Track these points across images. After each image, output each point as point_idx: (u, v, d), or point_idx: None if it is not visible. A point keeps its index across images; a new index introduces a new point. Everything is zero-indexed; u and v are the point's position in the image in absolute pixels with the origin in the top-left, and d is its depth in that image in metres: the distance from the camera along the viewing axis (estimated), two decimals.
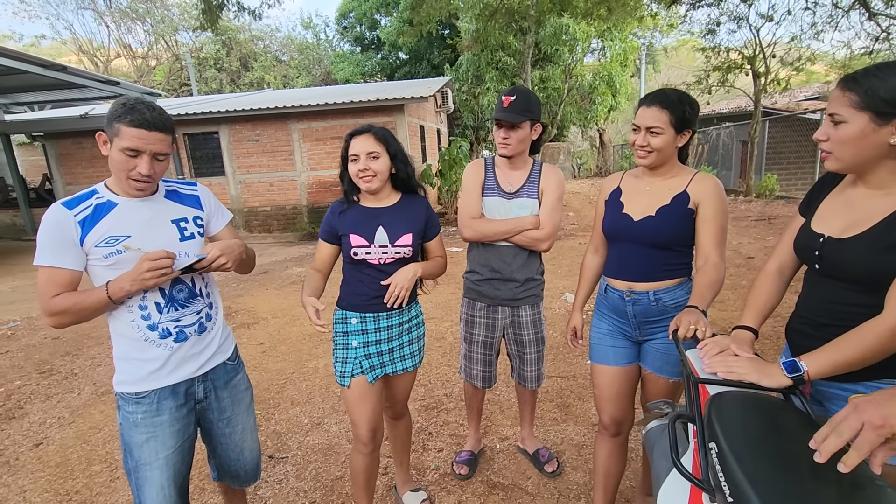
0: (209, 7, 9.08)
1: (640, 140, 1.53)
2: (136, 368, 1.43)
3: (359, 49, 23.97)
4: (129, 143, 1.30)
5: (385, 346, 1.74)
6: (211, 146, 9.97)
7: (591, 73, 18.04)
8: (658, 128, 1.50)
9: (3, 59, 6.62)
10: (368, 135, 1.64)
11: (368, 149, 1.62)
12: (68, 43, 26.97)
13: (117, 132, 1.30)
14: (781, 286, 1.32)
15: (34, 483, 2.38)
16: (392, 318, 1.74)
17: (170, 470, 1.46)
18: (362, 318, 1.71)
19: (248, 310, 5.04)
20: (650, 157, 1.55)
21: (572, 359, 3.45)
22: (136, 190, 1.39)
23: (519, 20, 12.88)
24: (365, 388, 1.70)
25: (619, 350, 1.71)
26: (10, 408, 3.18)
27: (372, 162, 1.62)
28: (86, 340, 4.32)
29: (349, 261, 1.71)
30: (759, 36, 10.91)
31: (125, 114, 1.29)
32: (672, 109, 1.49)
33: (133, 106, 1.30)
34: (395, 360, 1.78)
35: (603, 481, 1.84)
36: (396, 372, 1.80)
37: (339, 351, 1.74)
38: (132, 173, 1.34)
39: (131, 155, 1.32)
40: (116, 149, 1.31)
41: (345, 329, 1.72)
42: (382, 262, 1.68)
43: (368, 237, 1.66)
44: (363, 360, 1.71)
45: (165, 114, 1.36)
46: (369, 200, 1.72)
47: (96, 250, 1.35)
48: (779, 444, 0.87)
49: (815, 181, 1.34)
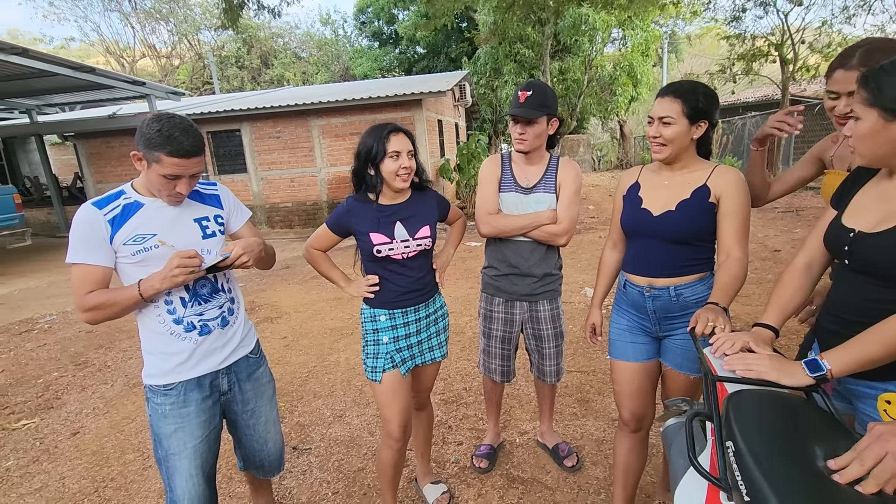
0: (230, 6, 9.24)
1: (653, 131, 1.51)
2: (163, 361, 1.50)
3: (376, 44, 24.03)
4: (170, 171, 1.37)
5: (414, 338, 1.79)
6: (233, 144, 10.16)
7: (612, 64, 17.71)
8: (669, 117, 1.47)
9: (36, 62, 6.86)
10: (403, 134, 1.67)
11: (409, 147, 1.66)
12: (96, 44, 27.74)
13: (157, 160, 1.36)
14: (809, 282, 1.28)
15: (72, 470, 2.50)
16: (419, 312, 1.79)
17: (198, 459, 1.53)
18: (391, 314, 1.75)
19: (271, 304, 5.15)
20: (664, 151, 1.52)
21: (592, 353, 3.44)
22: (173, 203, 1.48)
23: (537, 11, 12.73)
24: (396, 382, 1.73)
25: (638, 346, 1.70)
26: (48, 398, 3.33)
27: (411, 160, 1.66)
28: (118, 334, 4.48)
29: (371, 259, 1.73)
30: (787, 21, 10.55)
31: (164, 143, 1.34)
32: (684, 99, 1.47)
33: (170, 134, 1.34)
34: (424, 351, 1.83)
35: (623, 477, 1.84)
36: (425, 362, 1.85)
37: (369, 347, 1.76)
38: (172, 193, 1.43)
39: (171, 178, 1.39)
40: (156, 173, 1.38)
41: (375, 326, 1.76)
42: (405, 257, 1.72)
43: (388, 234, 1.69)
44: (394, 354, 1.74)
45: (198, 132, 1.42)
46: (386, 198, 1.73)
47: (124, 248, 1.41)
48: (798, 443, 0.86)
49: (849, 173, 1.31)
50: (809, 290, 1.29)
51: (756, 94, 15.74)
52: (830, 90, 1.38)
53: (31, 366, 3.92)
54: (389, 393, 1.73)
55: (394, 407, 1.73)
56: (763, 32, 11.50)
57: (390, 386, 1.73)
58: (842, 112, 1.35)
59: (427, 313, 1.82)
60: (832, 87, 1.37)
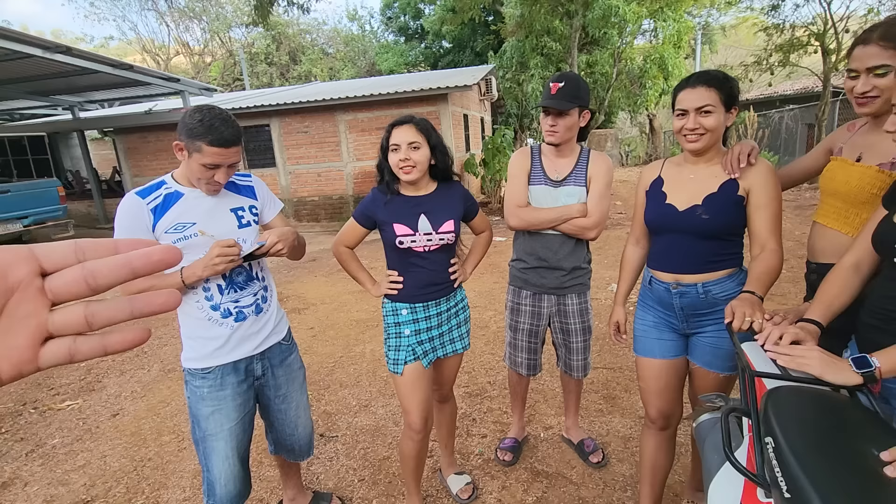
0: (260, 3, 9.42)
1: (691, 123, 1.46)
2: (202, 346, 1.55)
3: (402, 39, 24.08)
4: (211, 159, 1.42)
5: (435, 331, 1.79)
6: (262, 138, 10.36)
7: (642, 56, 17.27)
8: (709, 106, 1.43)
9: (78, 60, 7.14)
10: (410, 125, 1.65)
11: (410, 139, 1.63)
12: (133, 43, 28.70)
13: (199, 149, 1.41)
14: (857, 283, 1.23)
15: (113, 449, 2.62)
16: (440, 305, 1.79)
17: (233, 440, 1.58)
18: (412, 307, 1.76)
19: (298, 295, 5.25)
20: (702, 140, 1.47)
21: (619, 350, 3.39)
22: (211, 192, 1.53)
23: (565, 3, 12.51)
24: (417, 374, 1.75)
25: (665, 343, 1.67)
26: (90, 381, 3.49)
27: (413, 152, 1.63)
28: (153, 322, 4.65)
29: (393, 249, 1.74)
30: (829, 10, 10.08)
31: (206, 133, 1.39)
32: (720, 87, 1.44)
33: (211, 124, 1.39)
34: (446, 343, 1.83)
35: (650, 475, 1.81)
36: (447, 354, 1.85)
37: (391, 340, 1.78)
38: (210, 182, 1.48)
39: (211, 167, 1.44)
40: (196, 162, 1.43)
41: (396, 320, 1.77)
42: (427, 250, 1.71)
43: (412, 226, 1.69)
44: (416, 347, 1.75)
45: (236, 124, 1.46)
46: (409, 190, 1.74)
47: (165, 236, 1.46)
48: (841, 441, 0.84)
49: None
50: (856, 290, 1.24)
51: (795, 87, 15.12)
52: (850, 69, 1.36)
53: None
54: (410, 385, 1.74)
55: (414, 399, 1.75)
56: (803, 21, 11.02)
57: (411, 378, 1.74)
58: (861, 90, 1.32)
59: (448, 307, 1.82)
60: (852, 65, 1.35)
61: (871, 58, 1.31)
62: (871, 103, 1.34)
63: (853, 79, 1.36)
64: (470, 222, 1.91)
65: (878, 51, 1.29)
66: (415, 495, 1.94)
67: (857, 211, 1.40)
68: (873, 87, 1.31)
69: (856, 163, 1.42)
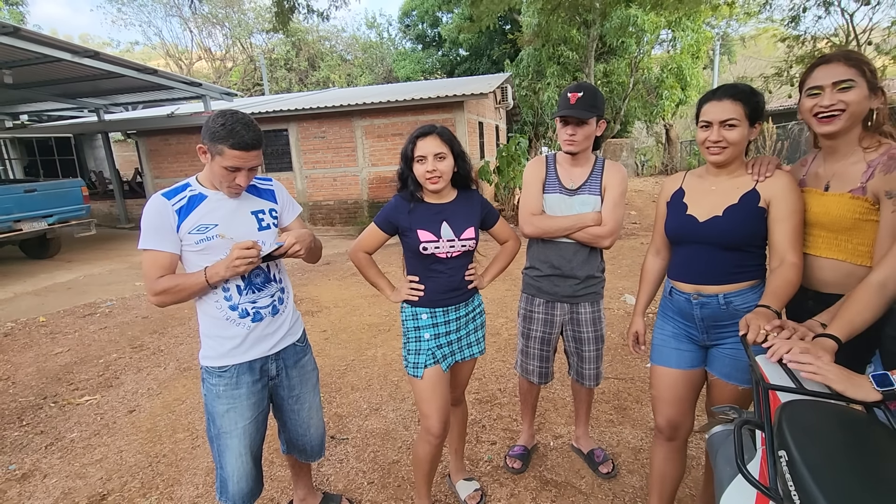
0: (281, 10, 9.59)
1: (714, 136, 1.47)
2: (219, 345, 1.59)
3: (420, 47, 24.29)
4: (232, 162, 1.46)
5: (454, 335, 1.82)
6: (280, 143, 10.52)
7: (659, 66, 17.20)
8: (734, 120, 1.44)
9: (105, 64, 7.36)
10: (434, 136, 1.67)
11: (436, 150, 1.66)
12: (157, 48, 29.44)
13: (220, 152, 1.45)
14: (882, 302, 1.19)
15: (129, 445, 2.67)
16: (459, 310, 1.82)
17: (247, 439, 1.61)
18: (432, 312, 1.78)
19: (312, 298, 5.31)
20: (725, 153, 1.48)
21: (631, 361, 3.36)
22: (233, 195, 1.57)
23: (583, 13, 12.52)
24: (437, 378, 1.76)
25: (683, 353, 1.66)
26: (108, 377, 3.57)
27: (439, 163, 1.66)
28: (170, 321, 4.74)
29: (416, 255, 1.76)
30: (852, 21, 9.94)
31: (227, 136, 1.43)
32: (746, 101, 1.44)
33: (233, 128, 1.43)
34: (463, 347, 1.86)
35: (658, 486, 1.80)
36: (465, 358, 1.88)
37: (411, 344, 1.80)
38: (232, 185, 1.52)
39: (232, 170, 1.48)
40: (219, 165, 1.48)
41: (416, 324, 1.80)
42: (450, 256, 1.75)
43: (435, 232, 1.72)
44: (436, 351, 1.78)
45: (257, 128, 1.50)
46: (431, 197, 1.77)
47: (189, 237, 1.51)
48: (856, 457, 0.83)
49: None
50: (881, 309, 1.20)
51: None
52: (812, 87, 1.36)
53: (94, 346, 4.21)
54: (430, 389, 1.75)
55: (434, 403, 1.76)
56: (825, 33, 10.89)
57: (431, 382, 1.75)
58: (827, 103, 1.33)
59: (466, 312, 1.85)
60: (814, 83, 1.35)
61: (836, 74, 1.31)
62: (836, 120, 1.33)
63: (812, 97, 1.36)
64: (491, 230, 1.92)
65: (843, 68, 1.31)
66: (424, 498, 1.95)
67: (846, 237, 1.39)
68: (839, 101, 1.31)
69: (827, 193, 1.42)
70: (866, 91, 1.31)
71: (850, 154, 1.39)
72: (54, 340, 4.40)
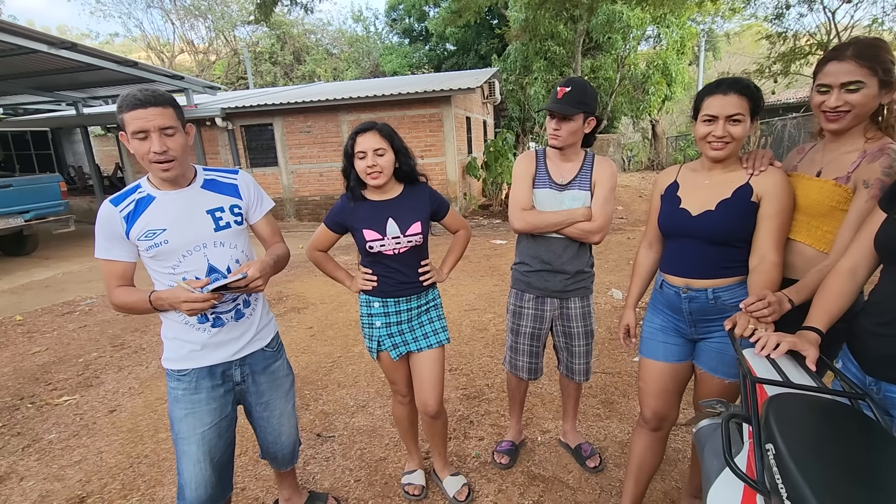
0: (263, 1, 9.45)
1: (719, 131, 1.43)
2: (179, 347, 1.54)
3: (407, 41, 24.13)
4: (133, 125, 1.34)
5: (406, 325, 1.87)
6: (265, 137, 10.37)
7: (645, 62, 17.32)
8: (740, 115, 1.42)
9: (83, 57, 7.16)
10: (374, 132, 1.69)
11: (375, 145, 1.68)
12: (138, 40, 28.74)
13: (123, 122, 1.36)
14: (854, 287, 1.23)
15: (109, 445, 2.61)
16: (411, 302, 1.86)
17: (205, 445, 1.55)
18: (384, 301, 1.84)
19: (298, 295, 5.25)
20: (728, 149, 1.46)
21: (617, 355, 3.38)
22: (162, 171, 1.40)
23: (570, 8, 12.54)
24: (389, 361, 1.91)
25: (670, 346, 1.67)
26: (87, 377, 3.48)
27: (379, 158, 1.68)
28: (152, 318, 4.65)
29: (365, 254, 1.81)
30: (834, 19, 10.11)
31: (122, 103, 1.35)
32: (751, 96, 1.43)
33: (127, 94, 1.36)
34: (418, 338, 1.90)
35: (636, 473, 1.82)
36: (421, 349, 1.90)
37: (365, 329, 1.91)
38: (149, 155, 1.37)
39: (142, 138, 1.36)
40: (130, 139, 1.37)
41: (369, 311, 1.87)
42: (396, 252, 1.78)
43: (380, 230, 1.74)
44: (385, 339, 1.87)
45: (160, 91, 1.40)
46: (375, 194, 1.78)
47: (139, 243, 1.45)
48: (843, 449, 0.83)
49: None
50: (853, 294, 1.24)
51: (797, 95, 15.14)
52: (821, 83, 1.37)
53: (73, 345, 4.11)
54: (391, 366, 1.93)
55: (397, 374, 1.96)
56: (807, 30, 11.04)
57: (388, 361, 1.91)
58: (833, 105, 1.34)
59: (419, 304, 1.89)
60: (824, 80, 1.36)
61: (845, 73, 1.31)
62: (842, 119, 1.35)
63: (823, 94, 1.37)
64: (442, 221, 1.95)
65: (853, 67, 1.30)
66: (414, 453, 2.16)
67: (818, 223, 1.42)
68: (845, 103, 1.33)
69: (814, 178, 1.45)
70: (876, 90, 1.31)
71: (849, 144, 1.40)
72: (32, 339, 4.29)
